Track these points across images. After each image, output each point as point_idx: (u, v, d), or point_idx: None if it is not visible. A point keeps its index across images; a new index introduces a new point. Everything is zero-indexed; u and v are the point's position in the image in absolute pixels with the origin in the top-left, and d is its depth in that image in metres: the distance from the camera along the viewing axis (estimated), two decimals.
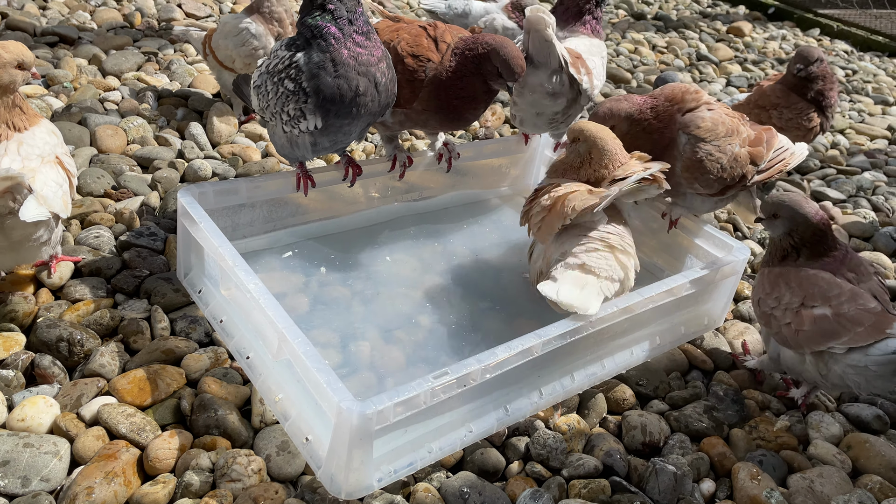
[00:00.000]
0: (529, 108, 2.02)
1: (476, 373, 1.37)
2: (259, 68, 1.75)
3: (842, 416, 1.74)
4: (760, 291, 1.69)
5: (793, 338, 1.59)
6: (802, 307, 1.58)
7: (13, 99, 1.54)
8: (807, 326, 1.56)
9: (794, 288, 1.61)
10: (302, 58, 1.61)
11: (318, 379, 1.28)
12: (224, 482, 1.33)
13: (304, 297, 1.80)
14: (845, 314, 1.54)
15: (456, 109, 1.85)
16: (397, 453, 1.38)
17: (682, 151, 1.83)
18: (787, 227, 1.66)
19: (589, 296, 1.55)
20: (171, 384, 1.51)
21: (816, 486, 1.51)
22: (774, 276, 1.66)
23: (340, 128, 1.70)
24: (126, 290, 1.75)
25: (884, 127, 3.60)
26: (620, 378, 1.74)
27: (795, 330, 1.58)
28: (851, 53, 4.88)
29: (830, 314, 1.55)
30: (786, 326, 1.60)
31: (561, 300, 1.52)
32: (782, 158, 1.97)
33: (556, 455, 1.50)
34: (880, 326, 1.51)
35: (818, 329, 1.55)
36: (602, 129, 1.73)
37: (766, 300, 1.65)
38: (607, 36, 4.29)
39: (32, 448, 1.32)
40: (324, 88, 1.60)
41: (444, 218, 2.21)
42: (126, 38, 3.06)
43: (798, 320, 1.58)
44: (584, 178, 1.73)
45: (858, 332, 1.52)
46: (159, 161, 2.25)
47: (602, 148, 1.70)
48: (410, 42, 1.80)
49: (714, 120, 1.83)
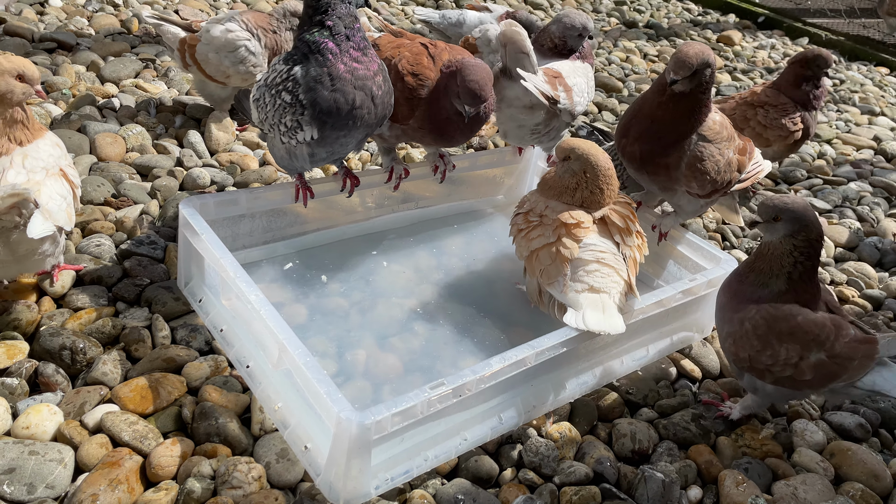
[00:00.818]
0: (509, 120, 2.10)
1: (471, 383, 1.42)
2: (258, 82, 1.79)
3: (825, 424, 1.79)
4: (749, 348, 1.60)
5: (792, 384, 1.60)
6: (801, 360, 1.57)
7: (12, 113, 1.54)
8: (808, 376, 1.57)
9: (788, 343, 1.56)
10: (299, 71, 1.65)
11: (318, 389, 1.32)
12: (225, 489, 1.36)
13: (301, 305, 1.83)
14: (839, 354, 1.56)
15: (444, 128, 1.90)
16: (394, 461, 1.42)
17: (690, 149, 1.88)
18: (789, 230, 1.55)
19: (612, 316, 1.61)
20: (172, 392, 1.55)
21: (800, 492, 1.56)
22: (763, 332, 1.58)
23: (337, 139, 1.74)
24: (127, 299, 1.78)
25: (870, 137, 3.67)
26: (611, 387, 1.78)
27: (795, 380, 1.59)
28: (839, 63, 4.95)
29: (826, 357, 1.56)
30: (785, 378, 1.60)
31: (591, 328, 1.57)
32: (759, 170, 2.07)
33: (548, 462, 1.54)
34: (870, 354, 1.56)
35: (819, 375, 1.57)
36: (592, 146, 1.75)
37: (761, 357, 1.59)
38: (598, 44, 4.34)
39: (38, 455, 1.35)
40: (320, 101, 1.64)
41: (439, 227, 2.25)
42: (124, 44, 3.09)
43: (798, 372, 1.58)
44: (580, 200, 1.75)
45: (854, 367, 1.56)
46: (158, 169, 2.28)
47: (595, 165, 1.72)
48: (412, 60, 1.84)
49: (721, 124, 1.92)
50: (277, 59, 1.74)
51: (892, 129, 3.88)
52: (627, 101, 3.53)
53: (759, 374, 1.62)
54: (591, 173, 1.73)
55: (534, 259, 1.74)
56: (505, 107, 2.07)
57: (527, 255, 1.77)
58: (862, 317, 2.28)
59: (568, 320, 1.59)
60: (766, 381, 1.63)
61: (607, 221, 1.74)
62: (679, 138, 1.88)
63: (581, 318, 1.58)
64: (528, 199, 1.84)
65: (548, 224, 1.73)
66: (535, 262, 1.74)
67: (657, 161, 1.91)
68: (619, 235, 1.73)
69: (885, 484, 1.63)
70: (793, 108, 2.67)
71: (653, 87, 1.91)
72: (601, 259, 1.68)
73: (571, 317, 1.59)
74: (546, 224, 1.73)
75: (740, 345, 1.62)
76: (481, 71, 1.78)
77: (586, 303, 1.62)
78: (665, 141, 1.88)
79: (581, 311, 1.60)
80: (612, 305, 1.63)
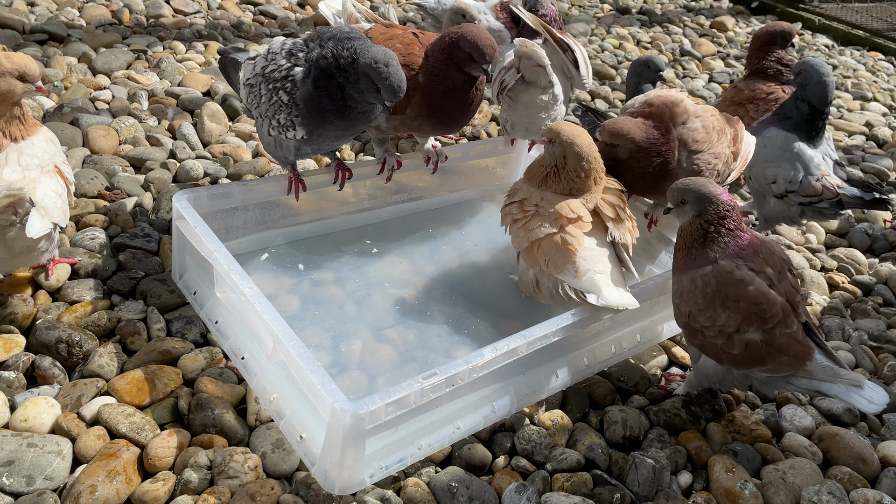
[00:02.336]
0: (523, 118, 2.14)
1: (464, 373, 1.43)
2: (253, 66, 1.78)
3: (814, 409, 1.82)
4: (692, 304, 1.60)
5: (717, 355, 1.61)
6: (737, 332, 1.55)
7: (12, 110, 1.55)
8: (736, 350, 1.56)
9: (732, 310, 1.55)
10: (300, 74, 1.66)
11: (313, 380, 1.34)
12: (222, 479, 1.38)
13: (295, 297, 1.85)
14: (774, 343, 1.54)
15: (444, 110, 1.90)
16: (388, 450, 1.44)
17: (683, 165, 1.89)
18: (696, 210, 1.60)
19: (624, 292, 1.67)
20: (168, 384, 1.56)
21: (788, 477, 1.58)
22: (711, 291, 1.57)
23: (324, 141, 1.77)
24: (122, 292, 1.79)
25: (861, 123, 3.68)
26: (602, 374, 1.81)
27: (722, 350, 1.58)
28: (832, 48, 4.95)
29: (760, 340, 1.54)
30: (712, 345, 1.59)
31: (611, 304, 1.62)
32: (749, 151, 2.09)
33: (540, 450, 1.56)
34: (802, 357, 1.55)
35: (747, 354, 1.56)
36: (579, 132, 1.74)
37: (699, 317, 1.58)
38: (592, 31, 4.34)
39: (36, 448, 1.36)
40: (314, 109, 1.67)
41: (433, 218, 2.26)
42: (115, 35, 3.08)
43: (729, 343, 1.56)
44: (566, 188, 1.75)
45: (782, 361, 1.55)
46: (151, 161, 2.29)
47: (577, 153, 1.72)
48: (403, 52, 1.85)
49: (706, 128, 1.90)
50: (279, 48, 1.73)
51: (884, 114, 3.89)
52: (620, 89, 3.53)
53: (692, 333, 1.62)
54: (572, 158, 1.73)
55: (535, 249, 1.74)
56: (521, 108, 2.11)
57: (527, 246, 1.77)
58: (851, 303, 2.30)
59: (591, 300, 1.63)
60: (693, 343, 1.64)
61: (599, 213, 1.75)
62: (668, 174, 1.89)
63: (602, 297, 1.63)
64: (519, 189, 1.84)
65: (545, 215, 1.74)
66: (537, 253, 1.73)
67: (654, 191, 1.95)
68: (611, 224, 1.75)
69: (873, 468, 1.66)
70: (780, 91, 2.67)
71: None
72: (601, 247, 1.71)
73: (594, 297, 1.64)
74: (543, 215, 1.74)
75: (685, 299, 1.62)
76: (477, 29, 1.82)
77: (602, 282, 1.65)
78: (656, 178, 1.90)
79: (599, 290, 1.64)
80: (622, 283, 1.69)
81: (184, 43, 3.16)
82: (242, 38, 3.38)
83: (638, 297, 1.68)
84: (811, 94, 2.25)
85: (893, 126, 3.73)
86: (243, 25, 3.49)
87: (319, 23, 3.70)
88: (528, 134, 2.25)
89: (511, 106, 2.09)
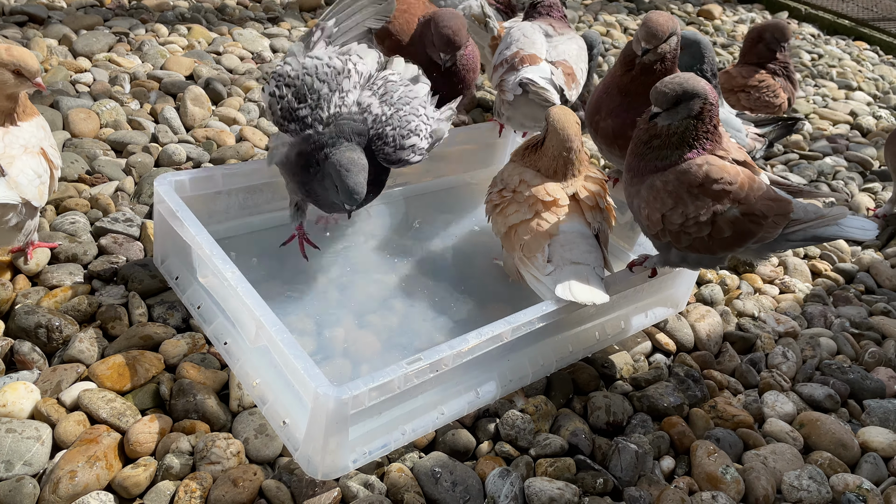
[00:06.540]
0: (522, 118, 2.16)
1: (448, 358, 1.43)
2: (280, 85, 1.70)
3: (796, 395, 1.83)
4: (661, 206, 1.57)
5: (708, 247, 1.58)
6: (716, 215, 1.53)
7: (4, 103, 1.52)
8: (727, 233, 1.55)
9: (699, 198, 1.53)
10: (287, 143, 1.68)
11: (295, 365, 1.33)
12: (204, 464, 1.37)
13: (279, 282, 1.83)
14: (754, 211, 1.53)
15: None
16: (372, 435, 1.44)
17: None
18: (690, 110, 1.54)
19: (595, 288, 1.61)
20: (149, 369, 1.55)
21: (770, 462, 1.60)
22: (673, 187, 1.55)
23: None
24: (103, 277, 1.77)
25: (846, 112, 3.70)
26: (587, 360, 1.81)
27: (712, 238, 1.56)
28: (818, 37, 4.97)
29: (740, 214, 1.53)
30: (699, 240, 1.57)
31: (578, 299, 1.57)
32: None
33: (524, 435, 1.57)
34: (783, 212, 1.55)
35: (735, 233, 1.54)
36: (568, 117, 1.74)
37: (673, 217, 1.56)
38: (579, 18, 4.33)
39: (15, 433, 1.35)
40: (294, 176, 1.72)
41: (418, 204, 2.25)
42: (97, 17, 3.03)
43: (716, 230, 1.55)
44: (549, 170, 1.75)
45: (768, 225, 1.54)
46: (133, 145, 2.26)
47: (562, 138, 1.72)
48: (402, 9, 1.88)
49: None
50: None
51: (869, 103, 3.91)
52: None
53: (675, 238, 1.60)
54: (555, 140, 1.73)
55: (512, 234, 1.75)
56: (520, 115, 2.15)
57: (504, 231, 1.77)
58: (834, 290, 2.32)
59: (558, 292, 1.59)
60: (681, 246, 1.61)
61: (578, 199, 1.75)
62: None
63: (568, 290, 1.59)
64: (501, 175, 1.85)
65: (521, 201, 1.74)
66: (513, 238, 1.74)
67: (630, 135, 1.92)
68: (590, 213, 1.74)
69: (853, 453, 1.67)
70: (771, 82, 2.68)
71: (619, 61, 1.91)
72: (578, 232, 1.69)
73: (560, 289, 1.60)
74: (520, 201, 1.74)
75: (652, 206, 1.59)
76: (455, 18, 1.79)
77: (572, 275, 1.63)
78: (638, 113, 1.88)
79: (566, 282, 1.61)
80: (595, 277, 1.65)
81: (167, 26, 3.11)
82: (226, 21, 3.34)
83: (617, 287, 1.68)
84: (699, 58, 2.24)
85: (877, 115, 3.75)
86: (227, 9, 3.44)
87: (304, 7, 3.66)
88: (523, 128, 2.27)
89: (512, 106, 2.10)
